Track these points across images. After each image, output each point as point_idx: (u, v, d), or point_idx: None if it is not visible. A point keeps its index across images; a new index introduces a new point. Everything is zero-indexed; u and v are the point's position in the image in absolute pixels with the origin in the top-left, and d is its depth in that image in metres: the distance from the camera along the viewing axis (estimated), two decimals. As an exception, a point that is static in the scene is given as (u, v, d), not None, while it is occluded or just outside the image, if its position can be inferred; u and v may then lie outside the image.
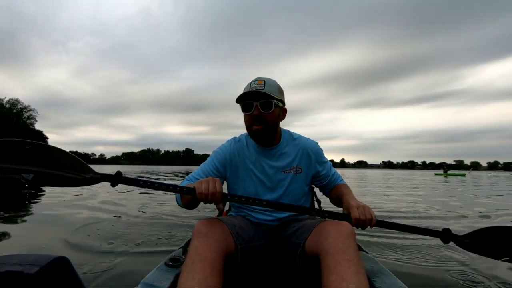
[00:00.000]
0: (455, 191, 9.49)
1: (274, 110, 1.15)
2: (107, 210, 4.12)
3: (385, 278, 1.07)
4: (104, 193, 6.50)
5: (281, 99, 1.19)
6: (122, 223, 3.20)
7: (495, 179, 22.66)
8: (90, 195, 5.99)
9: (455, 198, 7.06)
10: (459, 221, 3.93)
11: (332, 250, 0.86)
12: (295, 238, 1.09)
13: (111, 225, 3.11)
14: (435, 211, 4.74)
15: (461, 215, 4.33)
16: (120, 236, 2.62)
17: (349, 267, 0.80)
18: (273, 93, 1.14)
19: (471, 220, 3.97)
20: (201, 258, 0.84)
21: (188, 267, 0.83)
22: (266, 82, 1.15)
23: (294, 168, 1.27)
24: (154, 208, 4.47)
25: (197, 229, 0.93)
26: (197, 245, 0.88)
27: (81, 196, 5.89)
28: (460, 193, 8.66)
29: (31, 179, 0.90)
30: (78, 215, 3.65)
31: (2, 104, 65.04)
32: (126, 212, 3.98)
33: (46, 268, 0.68)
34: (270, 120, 1.15)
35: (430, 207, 5.26)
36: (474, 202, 6.19)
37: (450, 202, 6.05)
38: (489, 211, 4.84)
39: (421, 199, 6.56)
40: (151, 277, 1.02)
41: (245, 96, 1.14)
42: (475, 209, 5.02)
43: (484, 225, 1.25)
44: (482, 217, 4.24)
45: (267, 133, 1.17)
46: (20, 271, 0.64)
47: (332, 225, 0.95)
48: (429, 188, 10.58)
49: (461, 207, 5.30)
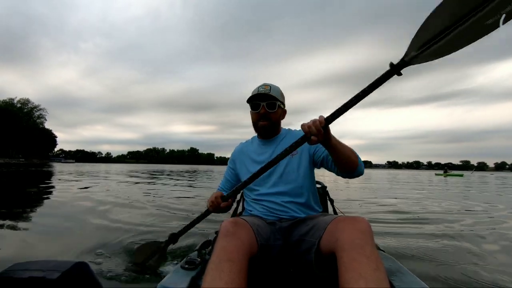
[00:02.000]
0: (442, 189, 10.09)
1: (277, 110, 1.39)
2: (119, 210, 4.16)
3: (404, 277, 1.04)
4: (113, 189, 6.55)
5: (283, 102, 1.45)
6: (136, 224, 3.23)
7: (491, 179, 23.52)
8: (98, 191, 6.05)
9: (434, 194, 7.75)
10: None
11: (348, 246, 0.83)
12: (310, 237, 1.09)
13: (126, 226, 3.13)
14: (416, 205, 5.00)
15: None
16: (135, 237, 2.64)
17: (367, 264, 0.77)
18: (277, 96, 1.38)
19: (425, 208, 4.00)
20: (228, 258, 0.84)
21: (215, 266, 0.83)
22: (271, 87, 1.40)
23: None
24: (170, 210, 4.45)
25: (225, 229, 0.94)
26: (225, 244, 0.88)
27: (90, 193, 5.95)
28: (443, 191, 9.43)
29: None
30: (90, 216, 3.68)
31: (13, 104, 66.16)
32: (141, 212, 4.03)
33: (67, 273, 0.69)
34: (273, 118, 1.39)
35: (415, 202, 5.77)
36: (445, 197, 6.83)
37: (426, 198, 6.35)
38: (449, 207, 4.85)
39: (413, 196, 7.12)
40: (167, 281, 1.03)
41: (254, 98, 1.38)
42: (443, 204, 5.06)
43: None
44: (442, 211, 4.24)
45: (270, 128, 1.41)
46: (42, 277, 0.65)
47: (346, 221, 0.94)
48: (424, 187, 11.14)
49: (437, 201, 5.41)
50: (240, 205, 1.88)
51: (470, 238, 2.93)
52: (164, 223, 3.37)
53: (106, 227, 3.03)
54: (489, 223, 3.79)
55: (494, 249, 2.57)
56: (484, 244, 2.73)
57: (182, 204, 5.02)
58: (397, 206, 5.37)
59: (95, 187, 7.60)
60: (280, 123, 1.47)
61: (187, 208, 4.59)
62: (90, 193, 6.03)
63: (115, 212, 3.94)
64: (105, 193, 6.24)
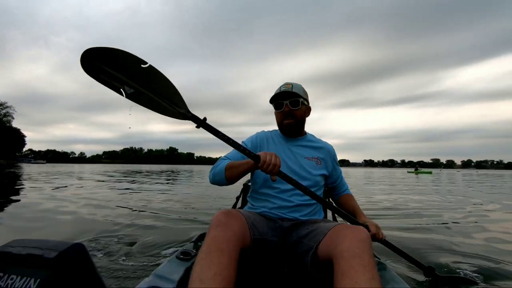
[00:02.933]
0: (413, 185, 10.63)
1: (301, 107, 1.36)
2: (114, 203, 4.05)
3: (397, 285, 1.06)
4: (104, 188, 6.32)
5: (306, 99, 1.40)
6: (130, 216, 3.19)
7: (458, 176, 25.08)
8: (90, 192, 5.81)
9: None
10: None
11: (347, 254, 0.83)
12: (308, 240, 1.08)
13: (121, 217, 3.10)
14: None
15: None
16: (131, 228, 2.64)
17: (363, 273, 0.78)
18: (299, 93, 1.34)
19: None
20: (218, 249, 0.83)
21: (205, 255, 0.81)
22: (293, 85, 1.37)
23: (316, 158, 1.41)
24: (159, 204, 4.47)
25: (217, 219, 0.93)
26: (216, 234, 0.87)
27: (82, 188, 5.70)
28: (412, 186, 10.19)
29: (130, 93, 1.00)
30: (82, 208, 3.56)
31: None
32: (134, 205, 3.91)
33: (64, 253, 0.69)
34: (298, 115, 1.36)
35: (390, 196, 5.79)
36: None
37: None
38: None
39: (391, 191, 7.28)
40: (162, 270, 1.03)
41: (277, 97, 1.35)
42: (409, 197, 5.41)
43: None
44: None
45: (296, 126, 1.38)
46: (40, 255, 0.65)
47: (348, 229, 0.94)
48: (395, 183, 11.68)
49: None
50: (239, 201, 1.87)
51: (452, 231, 3.11)
52: (164, 219, 3.36)
53: (103, 218, 2.95)
54: (464, 217, 4.03)
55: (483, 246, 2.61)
56: (469, 239, 2.92)
57: (181, 202, 4.97)
58: (380, 202, 5.61)
59: (65, 190, 7.27)
60: (305, 121, 1.44)
61: (189, 205, 4.55)
62: (61, 196, 5.78)
63: (84, 213, 3.83)
64: (76, 195, 6.01)
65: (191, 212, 3.91)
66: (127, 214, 3.61)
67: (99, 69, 0.97)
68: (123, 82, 0.99)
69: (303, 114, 1.39)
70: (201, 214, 3.75)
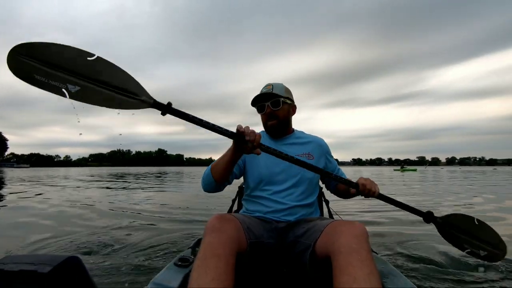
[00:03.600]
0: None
1: (283, 106, 1.34)
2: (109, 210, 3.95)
3: (396, 279, 1.06)
4: (98, 193, 6.16)
5: (288, 97, 1.37)
6: (127, 222, 3.15)
7: (443, 173, 26.50)
8: (86, 199, 5.65)
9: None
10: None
11: (344, 250, 0.84)
12: (305, 239, 1.08)
13: (117, 225, 3.04)
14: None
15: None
16: (129, 235, 2.56)
17: (361, 268, 0.78)
18: (280, 93, 1.33)
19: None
20: (214, 254, 0.83)
21: (201, 262, 0.81)
22: (273, 85, 1.35)
23: (306, 154, 1.38)
24: (158, 207, 4.42)
25: (211, 224, 0.93)
26: (211, 240, 0.87)
27: (78, 195, 5.54)
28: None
29: (75, 92, 0.83)
30: (81, 215, 3.46)
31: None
32: (125, 210, 3.83)
33: (59, 267, 0.66)
34: (281, 116, 1.34)
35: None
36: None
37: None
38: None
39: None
40: (160, 277, 1.02)
41: (258, 99, 1.34)
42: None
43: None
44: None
45: (280, 126, 1.37)
46: (34, 270, 0.62)
47: (344, 225, 0.94)
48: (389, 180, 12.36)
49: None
50: (235, 203, 1.85)
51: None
52: (162, 223, 3.31)
53: (100, 226, 2.86)
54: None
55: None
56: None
57: (176, 208, 4.89)
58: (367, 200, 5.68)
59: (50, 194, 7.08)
60: (290, 120, 1.41)
61: (186, 211, 4.46)
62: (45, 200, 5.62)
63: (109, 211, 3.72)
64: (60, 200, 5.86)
65: (187, 215, 3.86)
66: (120, 220, 3.54)
67: (33, 68, 0.80)
68: (65, 80, 0.82)
69: (286, 113, 1.37)
70: (196, 216, 3.71)
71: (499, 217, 3.89)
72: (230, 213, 1.14)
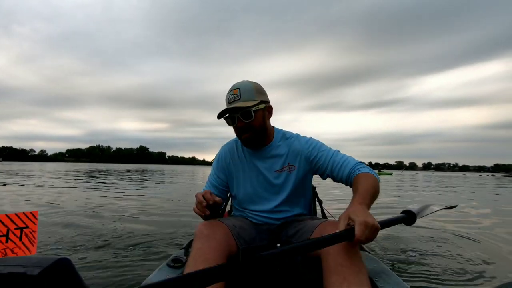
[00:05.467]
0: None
1: (256, 116, 1.12)
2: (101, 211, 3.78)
3: (387, 278, 1.07)
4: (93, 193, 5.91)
5: (261, 100, 1.15)
6: (121, 224, 3.06)
7: (419, 177, 28.45)
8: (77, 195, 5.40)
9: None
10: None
11: (333, 250, 0.83)
12: (296, 239, 1.09)
13: (110, 226, 2.94)
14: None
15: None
16: (121, 236, 2.48)
17: (350, 267, 0.79)
18: (249, 99, 1.11)
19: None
20: (203, 259, 0.85)
21: (191, 268, 0.83)
22: (241, 89, 1.12)
23: (287, 166, 1.22)
24: (151, 209, 4.30)
25: (199, 231, 0.94)
26: (200, 246, 0.89)
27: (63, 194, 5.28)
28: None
29: None
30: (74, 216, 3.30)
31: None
32: (123, 212, 3.75)
33: (49, 269, 0.63)
34: (255, 126, 1.13)
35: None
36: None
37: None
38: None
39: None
40: (153, 278, 1.01)
41: (224, 113, 1.12)
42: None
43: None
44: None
45: (256, 138, 1.17)
46: (23, 273, 0.59)
47: (334, 225, 0.95)
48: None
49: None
50: (228, 205, 1.83)
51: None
52: (155, 225, 3.21)
53: (91, 226, 2.74)
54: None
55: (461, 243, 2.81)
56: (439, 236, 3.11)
57: (166, 208, 4.77)
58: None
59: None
60: (266, 126, 1.20)
61: (181, 213, 4.28)
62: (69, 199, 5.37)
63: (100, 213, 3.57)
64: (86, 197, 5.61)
65: (179, 216, 3.77)
66: (108, 220, 3.41)
67: None
68: None
69: (261, 121, 1.15)
70: (189, 216, 3.63)
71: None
72: (219, 219, 1.11)
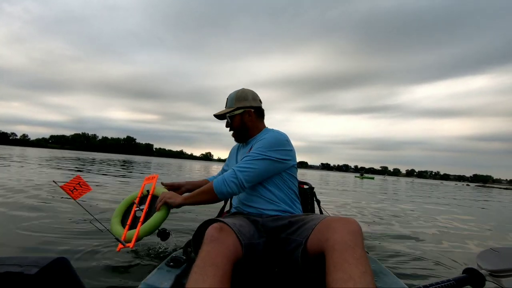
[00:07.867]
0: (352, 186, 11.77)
1: (234, 119, 1.46)
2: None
3: (386, 278, 1.07)
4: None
5: (239, 106, 1.45)
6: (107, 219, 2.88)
7: (402, 184, 28.82)
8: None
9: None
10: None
11: (339, 246, 0.83)
12: (296, 236, 1.08)
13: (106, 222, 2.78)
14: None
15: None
16: (109, 235, 2.35)
17: (357, 266, 0.77)
18: (229, 106, 1.48)
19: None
20: (212, 263, 0.84)
21: (200, 269, 0.83)
22: (228, 98, 1.51)
23: None
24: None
25: (209, 234, 0.94)
26: (209, 249, 0.89)
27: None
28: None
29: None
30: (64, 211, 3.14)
31: None
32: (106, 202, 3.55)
33: (46, 269, 0.61)
34: (235, 127, 1.48)
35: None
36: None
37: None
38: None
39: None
40: (152, 278, 1.00)
41: (219, 117, 1.53)
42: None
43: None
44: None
45: (239, 135, 1.52)
46: (20, 272, 0.57)
47: (338, 221, 0.93)
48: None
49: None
50: (228, 203, 1.85)
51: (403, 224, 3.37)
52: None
53: (87, 221, 2.64)
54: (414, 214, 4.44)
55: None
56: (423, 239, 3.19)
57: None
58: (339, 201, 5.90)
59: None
60: (247, 126, 1.46)
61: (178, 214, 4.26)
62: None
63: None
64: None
65: (177, 213, 3.67)
66: (102, 216, 3.27)
67: None
68: None
69: (239, 123, 1.47)
70: (187, 213, 3.54)
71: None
72: (225, 220, 1.09)
